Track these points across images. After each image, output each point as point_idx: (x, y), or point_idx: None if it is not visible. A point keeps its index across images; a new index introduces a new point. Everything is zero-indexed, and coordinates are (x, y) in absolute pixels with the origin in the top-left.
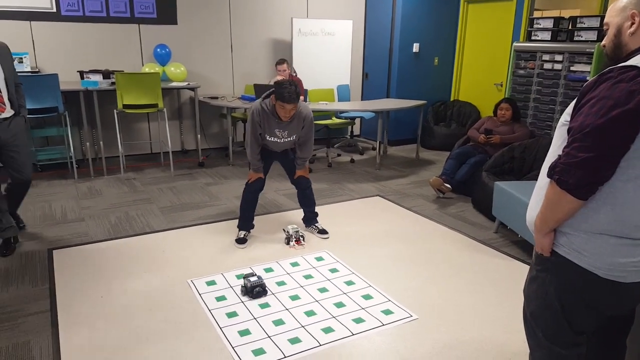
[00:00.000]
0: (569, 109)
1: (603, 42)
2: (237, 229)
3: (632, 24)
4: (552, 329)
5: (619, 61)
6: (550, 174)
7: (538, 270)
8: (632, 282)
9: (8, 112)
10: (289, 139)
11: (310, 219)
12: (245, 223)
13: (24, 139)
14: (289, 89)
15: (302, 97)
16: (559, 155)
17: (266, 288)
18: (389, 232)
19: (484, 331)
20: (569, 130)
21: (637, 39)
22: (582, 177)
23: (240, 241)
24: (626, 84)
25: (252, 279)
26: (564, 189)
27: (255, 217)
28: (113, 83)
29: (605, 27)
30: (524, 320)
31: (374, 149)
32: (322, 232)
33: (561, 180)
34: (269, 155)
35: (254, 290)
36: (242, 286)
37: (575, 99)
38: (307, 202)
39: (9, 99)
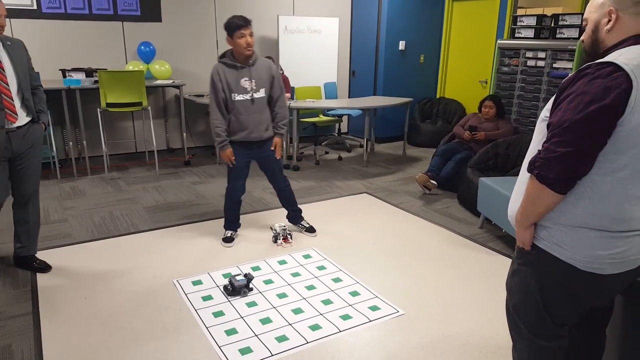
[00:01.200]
0: (549, 105)
1: (582, 38)
2: (224, 229)
3: (609, 20)
4: (534, 321)
5: (596, 57)
6: (530, 169)
7: (519, 263)
8: (611, 274)
9: (22, 120)
10: (258, 93)
11: (295, 217)
12: (232, 224)
13: (38, 152)
14: (237, 17)
15: (288, 95)
16: (539, 151)
17: (250, 285)
18: (376, 229)
19: (470, 325)
20: (548, 126)
21: (614, 36)
22: (561, 171)
23: (228, 240)
24: (603, 80)
25: (239, 277)
26: (543, 184)
27: (242, 216)
28: (96, 81)
29: (584, 23)
30: (507, 313)
31: (361, 146)
32: (310, 230)
33: (541, 174)
34: (246, 148)
35: (242, 291)
36: (225, 285)
37: (555, 95)
38: (288, 202)
39: (24, 105)
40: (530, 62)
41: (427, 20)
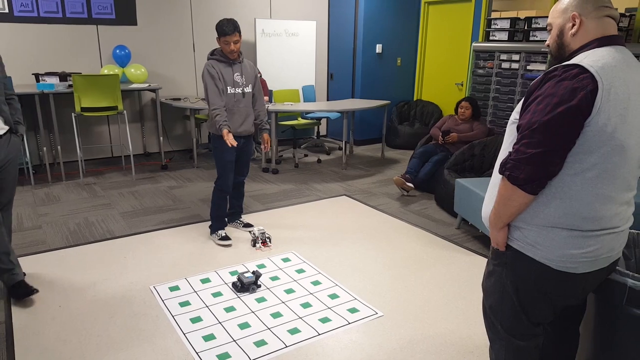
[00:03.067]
0: (518, 107)
1: (547, 42)
2: (215, 232)
3: (573, 25)
4: (510, 321)
5: (562, 60)
6: (501, 170)
7: (495, 264)
8: (584, 272)
9: (1, 130)
10: (247, 88)
11: (238, 214)
12: (222, 222)
13: (16, 163)
14: (226, 23)
15: (266, 98)
16: (509, 152)
17: (259, 282)
18: (355, 231)
19: (448, 325)
20: (518, 128)
21: (578, 39)
22: (531, 172)
23: (225, 239)
24: (569, 82)
25: (247, 274)
26: (514, 185)
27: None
28: (70, 85)
29: (548, 28)
30: (484, 314)
31: (340, 148)
32: (247, 225)
33: (512, 176)
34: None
35: (250, 288)
36: (234, 282)
37: (524, 97)
38: (241, 194)
39: (0, 115)
40: (505, 65)
41: (403, 23)
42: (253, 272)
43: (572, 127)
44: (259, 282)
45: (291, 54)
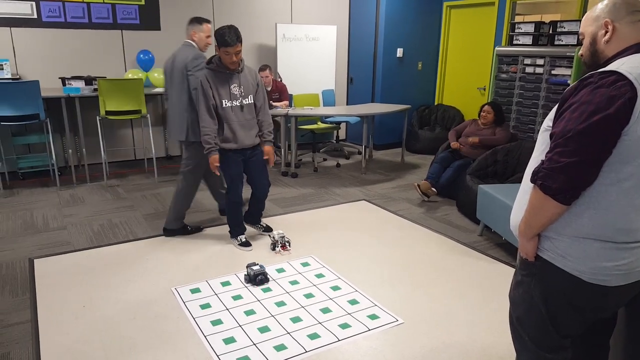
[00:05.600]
0: (551, 114)
1: (580, 52)
2: (235, 237)
3: (606, 32)
4: (538, 333)
5: (597, 68)
6: (533, 179)
7: (523, 275)
8: (616, 285)
9: None
10: (247, 99)
11: (258, 217)
12: (240, 228)
13: None
14: (228, 32)
15: (286, 102)
16: (542, 161)
17: (268, 276)
18: (374, 237)
19: (471, 334)
20: (551, 136)
21: (613, 46)
22: (564, 182)
23: (246, 244)
24: (606, 89)
25: (255, 267)
26: (547, 194)
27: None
28: (95, 89)
29: (580, 37)
30: (510, 324)
31: (359, 153)
32: (267, 229)
33: (544, 185)
34: (240, 154)
35: (257, 278)
36: (245, 274)
37: (557, 104)
38: (261, 203)
39: None
40: (529, 69)
41: (424, 27)
42: (260, 265)
43: (608, 136)
44: (268, 277)
45: (311, 58)
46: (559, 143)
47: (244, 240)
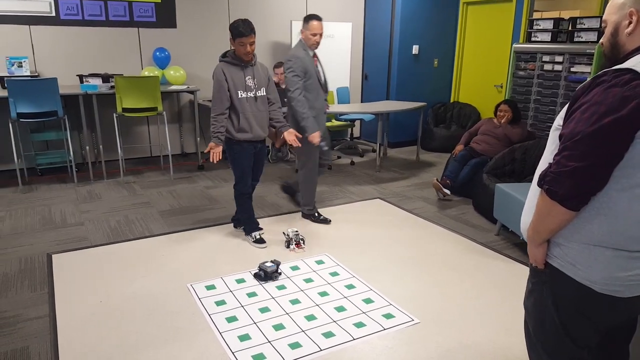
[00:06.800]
0: (562, 113)
1: (601, 41)
2: (249, 233)
3: (630, 23)
4: (553, 343)
5: (616, 62)
6: (540, 183)
7: (534, 283)
8: (631, 296)
9: None
10: (260, 91)
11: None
12: (254, 225)
13: None
14: (242, 24)
15: None
16: (549, 164)
17: (280, 271)
18: (389, 235)
19: (487, 334)
20: (560, 137)
21: (635, 39)
22: (572, 187)
23: (260, 241)
24: (619, 89)
25: (267, 264)
26: (554, 200)
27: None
28: (112, 87)
29: (603, 25)
30: (525, 334)
31: (374, 151)
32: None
33: (551, 190)
34: (251, 146)
35: (273, 276)
36: (258, 271)
37: (568, 103)
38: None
39: None
40: (547, 67)
41: (441, 24)
42: (273, 261)
43: (620, 139)
44: (279, 271)
45: (326, 55)
46: (567, 146)
47: (258, 237)
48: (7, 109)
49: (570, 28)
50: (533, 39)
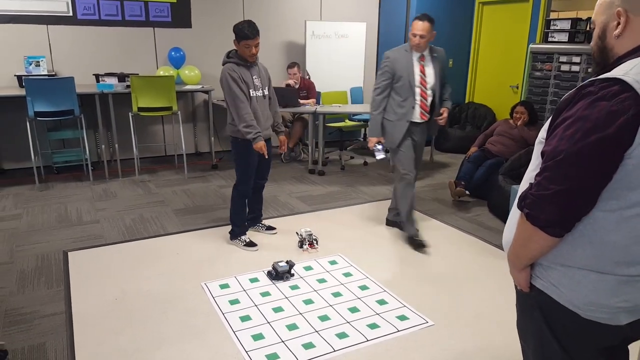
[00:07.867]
0: (547, 125)
1: (591, 44)
2: (237, 237)
3: (619, 23)
4: None
5: (605, 67)
6: (520, 206)
7: (522, 304)
8: (621, 324)
9: None
10: (265, 90)
11: (258, 218)
12: (244, 228)
13: None
14: (247, 26)
15: (314, 100)
16: (530, 184)
17: (292, 271)
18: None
19: (502, 338)
20: (542, 154)
21: (625, 42)
22: (553, 213)
23: (251, 244)
24: (606, 103)
25: (281, 263)
26: (535, 226)
27: (267, 220)
28: (128, 86)
29: (592, 26)
30: (524, 357)
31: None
32: (270, 228)
33: (531, 215)
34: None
35: (284, 276)
36: (269, 271)
37: (552, 115)
38: (260, 198)
39: None
40: (564, 67)
41: (456, 24)
42: (287, 262)
43: (607, 160)
44: (292, 271)
45: (340, 55)
46: (549, 166)
47: (247, 240)
48: (25, 107)
49: (588, 28)
50: (550, 39)
